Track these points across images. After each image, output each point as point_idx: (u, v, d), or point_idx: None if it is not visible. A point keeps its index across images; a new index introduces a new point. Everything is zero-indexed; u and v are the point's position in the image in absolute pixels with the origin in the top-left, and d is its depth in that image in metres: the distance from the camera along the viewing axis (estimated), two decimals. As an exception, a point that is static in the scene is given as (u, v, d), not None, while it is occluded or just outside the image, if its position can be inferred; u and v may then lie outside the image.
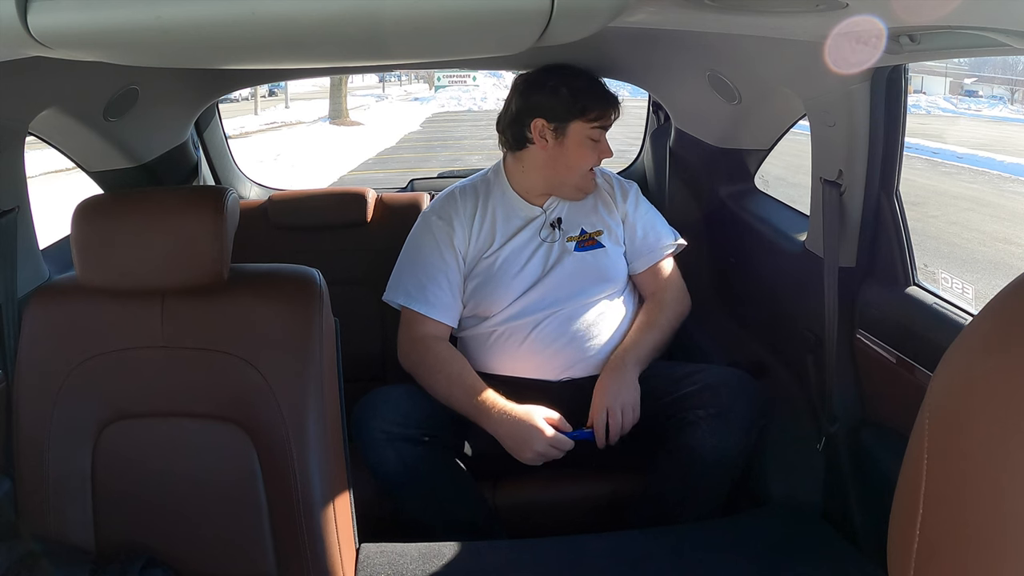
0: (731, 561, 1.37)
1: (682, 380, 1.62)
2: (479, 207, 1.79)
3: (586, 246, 1.77)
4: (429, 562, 1.36)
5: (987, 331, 0.42)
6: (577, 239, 1.77)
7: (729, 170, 2.09)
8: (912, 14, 0.98)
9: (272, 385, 1.23)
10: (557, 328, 1.70)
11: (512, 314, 1.72)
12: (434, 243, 1.76)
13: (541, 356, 1.70)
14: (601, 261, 1.76)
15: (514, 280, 1.73)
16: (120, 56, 0.92)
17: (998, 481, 0.37)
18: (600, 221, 1.80)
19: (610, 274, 1.76)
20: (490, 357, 1.74)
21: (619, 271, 1.78)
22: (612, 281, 1.76)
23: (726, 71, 1.75)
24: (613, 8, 0.83)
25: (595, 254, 1.76)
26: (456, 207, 1.79)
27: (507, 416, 1.57)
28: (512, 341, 1.71)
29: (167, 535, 1.26)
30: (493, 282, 1.73)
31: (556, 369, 1.70)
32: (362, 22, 0.79)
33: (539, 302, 1.71)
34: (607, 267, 1.76)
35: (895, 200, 1.48)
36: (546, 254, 1.75)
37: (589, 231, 1.79)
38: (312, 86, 19.79)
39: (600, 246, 1.78)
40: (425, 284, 1.73)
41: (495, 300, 1.73)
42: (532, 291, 1.72)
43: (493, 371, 1.72)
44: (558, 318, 1.70)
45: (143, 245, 1.21)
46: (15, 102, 1.42)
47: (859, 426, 1.52)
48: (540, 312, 1.71)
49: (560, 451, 1.57)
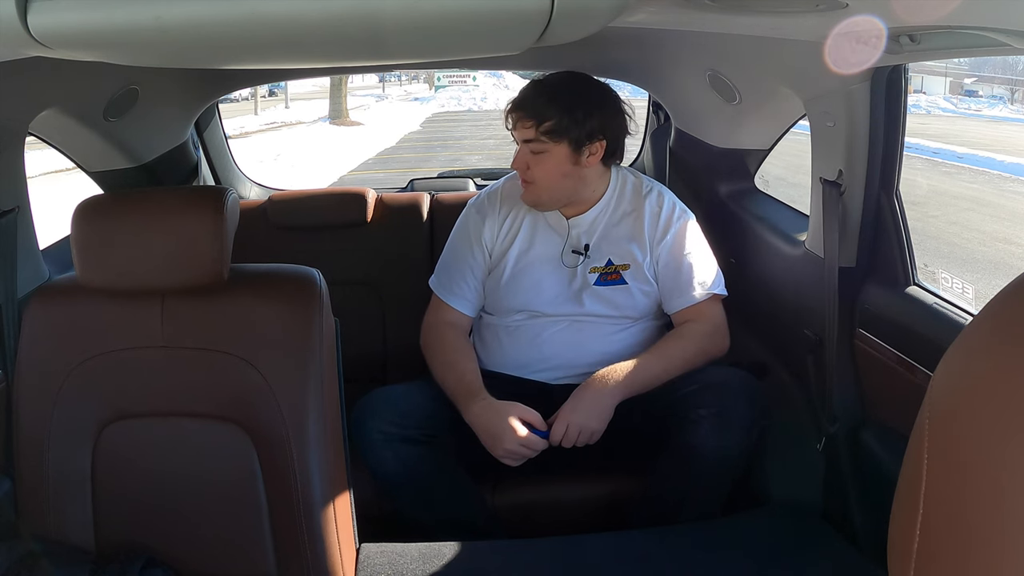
0: (731, 561, 1.37)
1: (682, 380, 1.61)
2: (514, 206, 1.77)
3: (609, 280, 1.69)
4: (429, 562, 1.36)
5: (987, 331, 0.42)
6: (601, 270, 1.70)
7: (729, 170, 2.09)
8: (912, 14, 0.98)
9: (272, 385, 1.23)
10: (563, 336, 1.70)
11: (519, 318, 1.73)
12: (466, 235, 1.79)
13: (543, 359, 1.70)
14: (620, 297, 1.69)
15: (526, 294, 1.72)
16: (120, 56, 0.92)
17: (998, 481, 0.37)
18: (629, 254, 1.70)
19: (627, 310, 1.70)
20: (495, 351, 1.74)
21: (638, 308, 1.70)
22: (625, 313, 1.71)
23: (726, 71, 1.75)
24: (613, 8, 0.83)
25: (615, 290, 1.69)
26: (495, 203, 1.79)
27: (485, 411, 1.57)
28: (516, 338, 1.72)
29: (167, 535, 1.26)
30: (505, 288, 1.74)
31: (556, 374, 1.70)
32: (362, 22, 0.79)
33: (547, 313, 1.71)
34: (625, 304, 1.70)
35: (895, 200, 1.48)
36: (566, 281, 1.71)
37: (616, 263, 1.70)
38: (312, 86, 19.78)
39: (623, 282, 1.70)
40: (452, 273, 1.78)
41: (502, 304, 1.74)
42: (541, 307, 1.71)
43: (498, 368, 1.73)
44: (567, 329, 1.70)
45: (143, 245, 1.21)
46: (15, 102, 1.42)
47: (859, 426, 1.52)
48: (547, 318, 1.71)
49: (532, 451, 1.55)
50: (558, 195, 1.70)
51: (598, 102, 1.65)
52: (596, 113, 1.63)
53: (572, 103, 1.62)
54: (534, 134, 1.63)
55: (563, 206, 1.73)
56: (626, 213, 1.73)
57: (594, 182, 1.71)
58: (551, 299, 1.71)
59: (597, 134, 1.64)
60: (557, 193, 1.69)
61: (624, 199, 1.74)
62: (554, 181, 1.66)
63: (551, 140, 1.63)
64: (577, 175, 1.67)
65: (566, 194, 1.70)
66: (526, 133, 1.64)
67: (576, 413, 1.57)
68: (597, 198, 1.73)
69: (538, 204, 1.72)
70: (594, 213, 1.73)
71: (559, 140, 1.62)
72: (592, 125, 1.63)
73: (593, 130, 1.63)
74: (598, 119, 1.63)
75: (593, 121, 1.62)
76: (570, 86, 1.67)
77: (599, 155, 1.66)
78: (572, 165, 1.65)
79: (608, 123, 1.65)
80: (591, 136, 1.63)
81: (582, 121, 1.62)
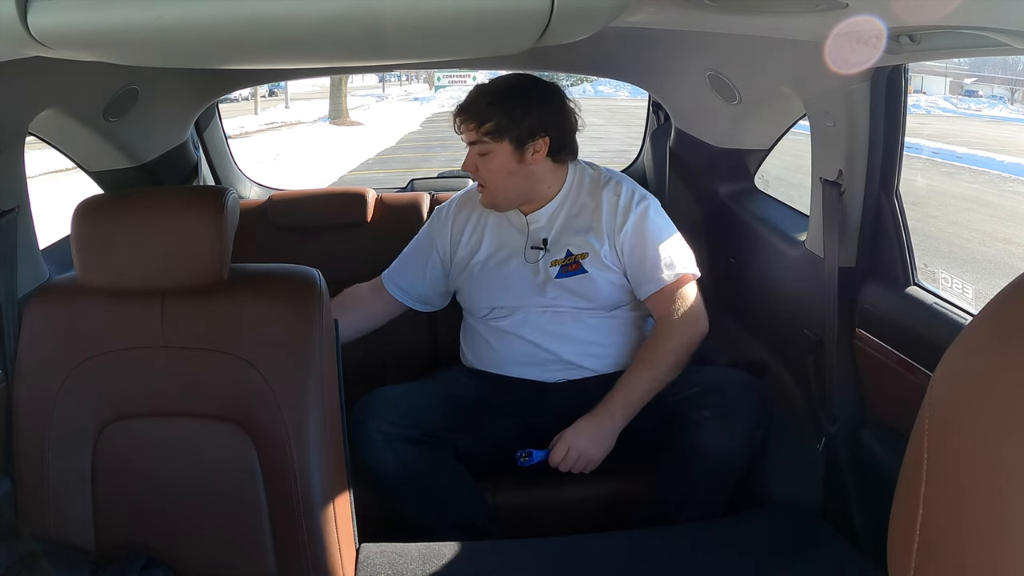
0: (731, 561, 1.37)
1: (684, 381, 1.62)
2: (475, 210, 1.81)
3: (569, 271, 1.71)
4: (429, 562, 1.36)
5: (987, 331, 0.42)
6: (561, 262, 1.71)
7: (729, 170, 2.09)
8: (912, 14, 0.98)
9: (272, 385, 1.23)
10: (539, 331, 1.71)
11: (496, 317, 1.75)
12: (425, 234, 1.88)
13: (527, 357, 1.71)
14: (584, 286, 1.70)
15: (494, 292, 1.75)
16: (120, 56, 0.93)
17: (998, 481, 0.37)
18: (587, 243, 1.71)
19: (593, 298, 1.71)
20: (484, 352, 1.76)
21: (604, 295, 1.71)
22: (597, 303, 1.72)
23: (726, 71, 1.75)
24: (613, 8, 0.83)
25: (577, 280, 1.70)
26: (459, 209, 1.84)
27: None
28: (499, 336, 1.74)
29: (167, 535, 1.26)
30: (475, 288, 1.78)
31: (548, 371, 1.71)
32: (362, 22, 0.79)
33: (519, 310, 1.73)
34: (591, 292, 1.71)
35: (895, 200, 1.48)
36: (530, 277, 1.73)
37: (575, 253, 1.72)
38: (312, 86, 19.78)
39: (583, 271, 1.71)
40: (399, 264, 1.88)
41: (476, 303, 1.79)
42: (512, 303, 1.74)
43: (490, 368, 1.74)
44: (540, 323, 1.71)
45: (143, 245, 1.21)
46: (15, 102, 1.42)
47: (859, 426, 1.52)
48: (520, 316, 1.72)
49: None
50: (510, 194, 1.72)
51: (538, 100, 1.68)
52: (535, 111, 1.66)
53: (510, 103, 1.66)
54: (476, 135, 1.68)
55: (520, 204, 1.75)
56: (584, 205, 1.75)
57: (547, 179, 1.73)
58: (519, 295, 1.73)
59: (538, 131, 1.66)
60: (508, 192, 1.72)
61: (582, 192, 1.76)
62: (502, 180, 1.70)
63: (493, 140, 1.66)
64: (524, 173, 1.69)
65: (518, 192, 1.72)
66: (470, 135, 1.69)
67: (579, 438, 1.59)
68: (553, 194, 1.75)
69: (494, 205, 1.75)
70: (552, 208, 1.75)
71: (500, 139, 1.66)
72: (532, 122, 1.65)
73: (533, 127, 1.66)
74: (537, 116, 1.66)
75: (532, 118, 1.65)
76: (510, 87, 1.71)
77: (543, 152, 1.68)
78: (517, 163, 1.68)
79: (548, 119, 1.68)
80: (532, 133, 1.66)
81: (520, 119, 1.65)
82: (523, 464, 1.61)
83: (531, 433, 1.66)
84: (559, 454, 1.59)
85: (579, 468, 1.60)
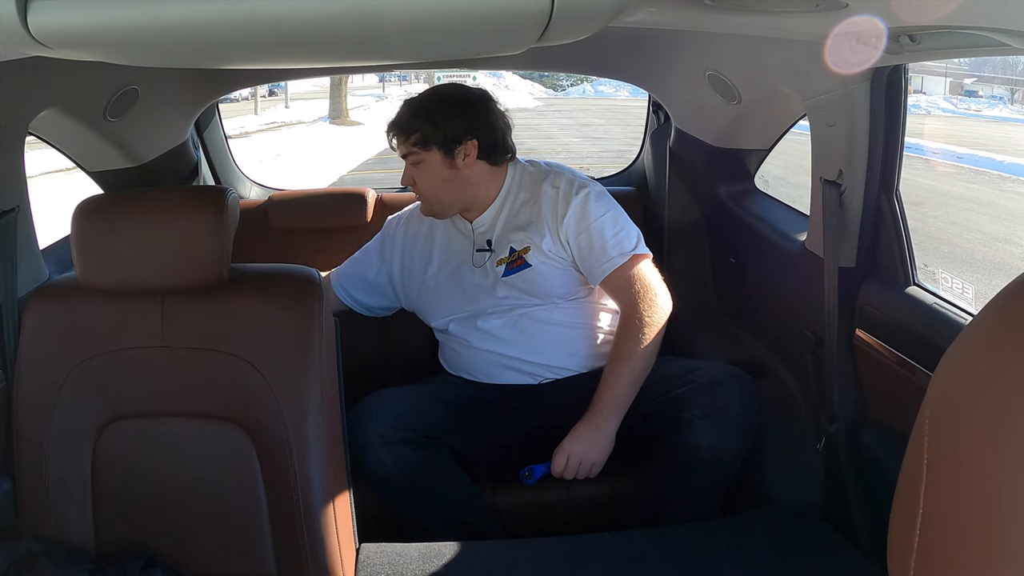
0: (731, 561, 1.37)
1: (677, 379, 1.62)
2: (424, 222, 1.84)
3: (514, 267, 1.72)
4: (429, 562, 1.36)
5: (987, 331, 0.42)
6: (506, 260, 1.72)
7: (729, 170, 2.09)
8: (912, 14, 0.98)
9: (272, 385, 1.23)
10: (504, 343, 1.71)
11: (458, 325, 1.76)
12: (377, 245, 1.91)
13: (502, 365, 1.71)
14: (531, 281, 1.71)
15: (451, 301, 1.76)
16: (120, 56, 0.93)
17: (998, 480, 0.37)
18: (527, 238, 1.71)
19: (544, 292, 1.71)
20: (462, 361, 1.76)
21: (553, 287, 1.71)
22: (548, 296, 1.72)
23: (726, 71, 1.75)
24: (613, 8, 0.83)
25: (523, 275, 1.71)
26: (408, 223, 1.88)
27: None
28: (468, 344, 1.74)
29: (167, 535, 1.26)
30: (433, 300, 1.80)
31: (527, 376, 1.71)
32: (362, 22, 0.79)
33: (479, 313, 1.74)
34: (539, 285, 1.71)
35: (895, 200, 1.48)
36: (480, 280, 1.74)
37: (517, 249, 1.72)
38: (312, 86, 19.77)
39: (527, 266, 1.71)
40: (348, 265, 1.90)
41: (435, 315, 1.80)
42: (470, 309, 1.74)
43: (471, 375, 1.75)
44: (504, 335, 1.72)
45: (143, 245, 1.21)
46: (15, 102, 1.42)
47: (859, 426, 1.52)
48: (483, 318, 1.73)
49: None
50: (447, 200, 1.74)
51: (460, 106, 1.70)
52: (456, 116, 1.68)
53: (433, 112, 1.68)
54: (407, 147, 1.70)
55: (461, 210, 1.77)
56: (524, 202, 1.75)
57: (484, 182, 1.74)
58: (472, 299, 1.74)
59: (464, 135, 1.68)
60: (445, 199, 1.73)
61: (522, 190, 1.76)
62: (438, 188, 1.71)
63: (422, 149, 1.69)
64: (458, 179, 1.70)
65: (455, 198, 1.73)
66: (402, 149, 1.71)
67: (577, 445, 1.59)
68: (493, 196, 1.76)
69: (433, 213, 1.77)
70: (493, 210, 1.76)
71: (428, 148, 1.68)
72: (455, 127, 1.67)
73: (458, 132, 1.67)
74: (459, 121, 1.68)
75: (455, 123, 1.67)
76: (434, 98, 1.73)
77: (474, 155, 1.69)
78: (449, 169, 1.69)
79: (472, 123, 1.69)
80: (458, 138, 1.67)
81: (443, 126, 1.67)
82: (528, 483, 1.62)
83: (530, 433, 1.67)
84: (560, 464, 1.60)
85: (583, 473, 1.60)
